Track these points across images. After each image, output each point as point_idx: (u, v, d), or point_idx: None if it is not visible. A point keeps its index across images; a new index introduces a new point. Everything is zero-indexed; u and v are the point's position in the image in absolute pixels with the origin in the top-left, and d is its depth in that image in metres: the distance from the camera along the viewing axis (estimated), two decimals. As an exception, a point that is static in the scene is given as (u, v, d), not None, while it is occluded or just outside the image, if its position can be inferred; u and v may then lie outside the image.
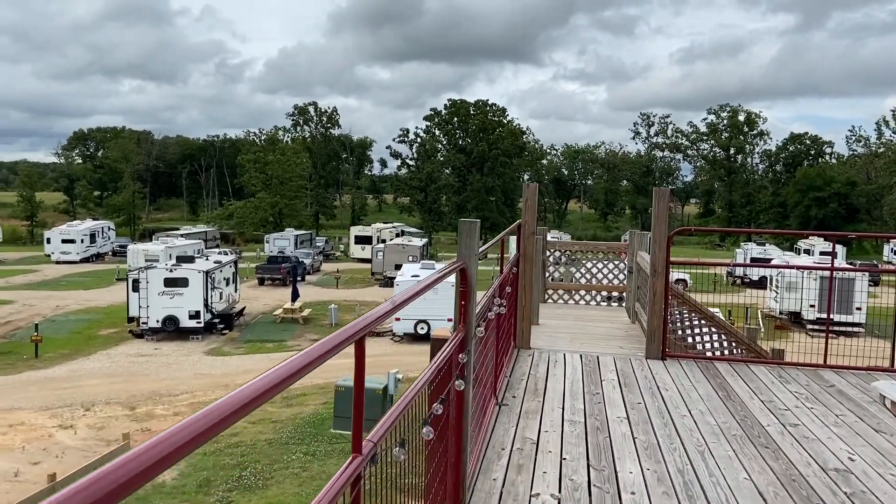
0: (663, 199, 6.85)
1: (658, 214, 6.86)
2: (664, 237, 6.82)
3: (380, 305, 2.22)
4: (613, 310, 10.23)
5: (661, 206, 6.85)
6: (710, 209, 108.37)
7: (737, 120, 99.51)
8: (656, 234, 6.84)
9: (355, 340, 1.78)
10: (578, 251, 10.47)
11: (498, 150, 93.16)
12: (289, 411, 18.73)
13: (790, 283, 33.56)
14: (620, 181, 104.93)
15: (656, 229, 6.84)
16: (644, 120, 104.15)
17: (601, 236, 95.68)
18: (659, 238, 6.83)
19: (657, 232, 6.84)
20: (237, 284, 34.71)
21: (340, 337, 1.65)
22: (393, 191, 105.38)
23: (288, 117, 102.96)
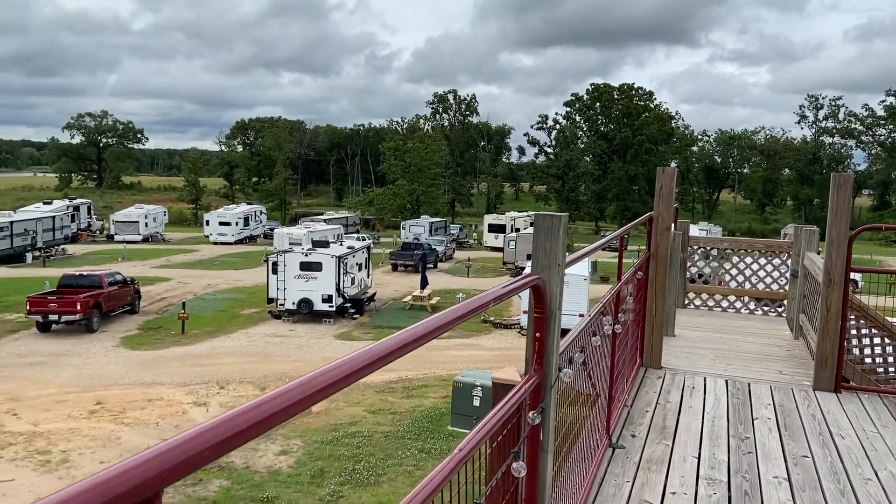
0: (845, 188, 5.31)
1: (837, 207, 5.33)
2: (844, 236, 5.29)
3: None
4: (771, 320, 8.58)
5: (842, 196, 5.31)
6: (885, 201, 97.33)
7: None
8: (833, 231, 5.32)
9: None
10: (728, 249, 8.90)
11: (643, 136, 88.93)
12: (408, 403, 18.29)
13: None
14: (782, 169, 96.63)
15: (833, 226, 5.32)
16: (812, 102, 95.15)
17: (757, 230, 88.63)
18: (837, 237, 5.31)
19: (834, 229, 5.32)
20: (370, 270, 35.11)
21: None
22: (530, 179, 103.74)
23: (428, 105, 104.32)
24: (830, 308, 5.32)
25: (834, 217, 5.33)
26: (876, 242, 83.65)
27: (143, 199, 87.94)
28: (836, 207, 5.33)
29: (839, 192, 5.32)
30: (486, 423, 1.99)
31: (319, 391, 1.09)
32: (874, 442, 4.34)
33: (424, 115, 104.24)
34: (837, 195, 5.33)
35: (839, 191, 5.31)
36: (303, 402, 1.05)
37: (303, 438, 15.08)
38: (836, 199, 5.33)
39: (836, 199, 5.33)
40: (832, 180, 5.38)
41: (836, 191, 5.33)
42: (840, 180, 5.31)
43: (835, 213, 5.34)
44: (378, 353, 1.34)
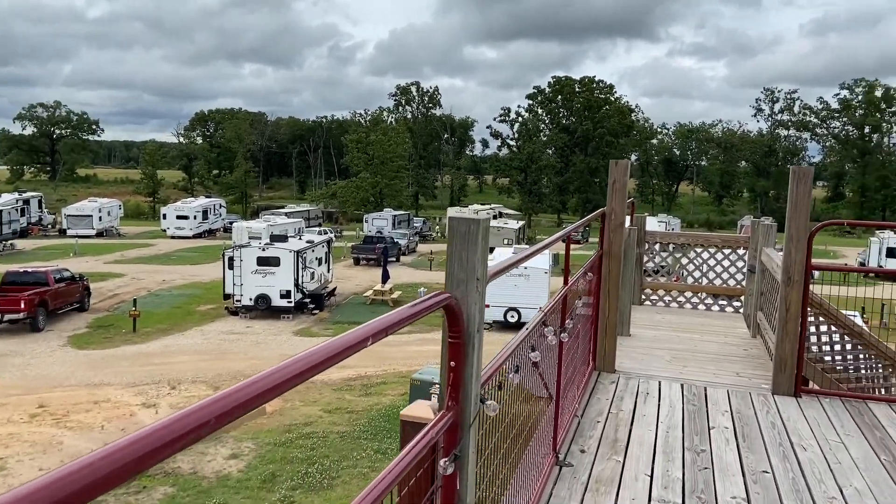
0: (804, 181, 5.06)
1: (797, 202, 5.08)
2: (804, 232, 5.05)
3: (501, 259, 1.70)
4: (728, 317, 8.39)
5: (801, 190, 5.06)
6: (839, 193, 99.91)
7: (873, 96, 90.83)
8: (792, 227, 5.07)
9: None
10: (685, 243, 8.67)
11: (604, 128, 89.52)
12: (366, 401, 17.88)
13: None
14: (738, 162, 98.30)
15: (793, 221, 5.07)
16: (768, 96, 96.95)
17: (715, 221, 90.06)
18: (796, 233, 5.06)
19: (794, 225, 5.07)
20: (330, 264, 34.50)
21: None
22: (493, 172, 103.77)
23: (390, 98, 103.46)
24: (790, 308, 5.08)
25: (793, 212, 5.08)
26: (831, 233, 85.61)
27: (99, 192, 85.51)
28: (796, 202, 5.08)
29: (798, 186, 5.07)
30: (391, 470, 1.62)
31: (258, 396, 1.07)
32: (837, 453, 4.09)
33: (388, 108, 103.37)
34: (797, 189, 5.08)
35: (798, 184, 5.06)
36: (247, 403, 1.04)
37: (255, 441, 14.56)
38: (796, 193, 5.08)
39: (796, 193, 5.08)
40: (791, 174, 5.12)
41: (796, 184, 5.08)
42: (799, 174, 5.05)
43: (794, 207, 5.09)
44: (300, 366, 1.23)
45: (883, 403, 4.93)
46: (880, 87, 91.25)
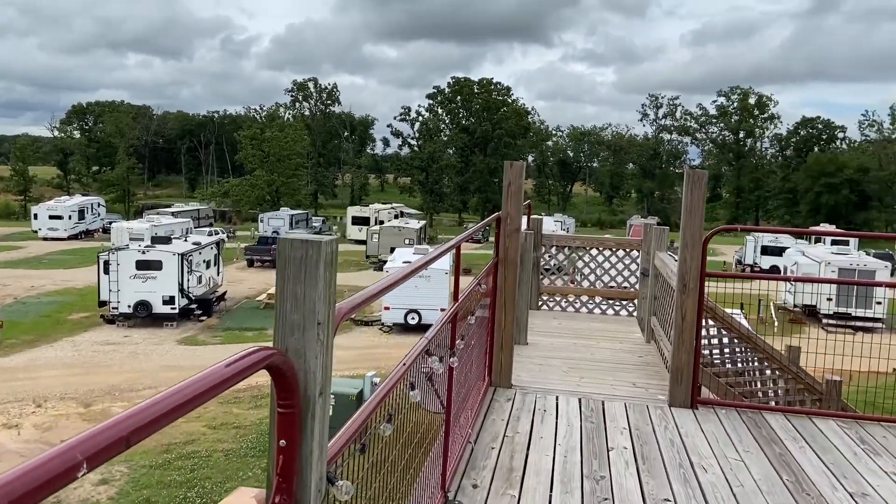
0: (699, 185, 4.89)
1: (691, 207, 4.91)
2: (698, 238, 4.88)
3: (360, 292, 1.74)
4: (623, 321, 8.30)
5: (696, 195, 4.89)
6: (717, 193, 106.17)
7: (747, 103, 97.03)
8: (687, 233, 4.90)
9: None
10: (581, 247, 8.53)
11: (502, 129, 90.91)
12: (255, 414, 16.92)
13: (806, 274, 31.54)
14: (626, 164, 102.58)
15: (687, 227, 4.90)
16: (652, 101, 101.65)
17: (606, 220, 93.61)
18: (691, 239, 4.89)
19: (689, 231, 4.89)
20: (220, 267, 32.86)
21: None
22: (394, 171, 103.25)
23: (287, 93, 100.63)
24: (685, 316, 4.91)
25: (688, 217, 4.91)
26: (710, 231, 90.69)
27: (-39, 189, 78.14)
28: (690, 207, 4.91)
29: (693, 191, 4.90)
30: None
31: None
32: (738, 474, 3.89)
33: (284, 104, 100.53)
34: (692, 194, 4.91)
35: (693, 188, 4.89)
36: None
37: (128, 464, 13.36)
38: (690, 198, 4.91)
39: (690, 198, 4.91)
40: (686, 177, 4.95)
41: (690, 188, 4.91)
42: (694, 177, 4.89)
43: (689, 213, 4.91)
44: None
45: (778, 414, 4.84)
46: (753, 95, 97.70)
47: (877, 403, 18.18)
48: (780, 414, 4.85)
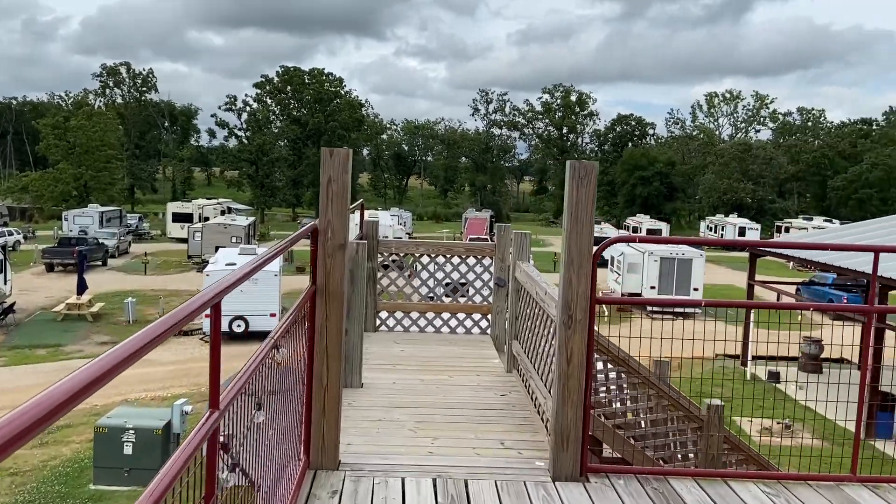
0: (588, 181, 3.63)
1: (577, 209, 3.62)
2: (587, 252, 3.62)
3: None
4: (475, 341, 7.04)
5: (584, 194, 3.63)
6: (543, 187, 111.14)
7: (569, 100, 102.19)
8: (573, 245, 3.62)
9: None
10: (425, 254, 7.16)
11: (336, 122, 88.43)
12: (40, 454, 13.95)
13: (631, 264, 32.90)
14: (460, 158, 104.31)
15: (573, 237, 3.62)
16: (483, 97, 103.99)
17: (442, 213, 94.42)
18: (579, 256, 3.62)
19: (575, 242, 3.62)
20: (7, 273, 28.08)
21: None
22: (221, 164, 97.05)
23: (95, 78, 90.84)
24: (571, 358, 3.64)
25: (573, 224, 3.64)
26: (538, 223, 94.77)
27: None
28: (576, 210, 3.64)
29: (579, 188, 3.63)
30: None
31: None
32: None
33: (94, 90, 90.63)
34: (577, 192, 3.63)
35: (579, 186, 3.62)
36: None
37: None
38: (575, 198, 3.63)
39: (575, 198, 3.63)
40: (568, 170, 3.66)
41: (576, 186, 3.63)
42: (581, 171, 3.61)
43: (574, 218, 3.64)
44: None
45: (688, 479, 3.72)
46: (575, 93, 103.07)
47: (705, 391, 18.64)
48: (690, 479, 3.73)
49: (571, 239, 3.66)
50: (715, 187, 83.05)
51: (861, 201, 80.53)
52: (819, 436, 15.32)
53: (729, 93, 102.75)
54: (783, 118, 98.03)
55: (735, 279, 41.54)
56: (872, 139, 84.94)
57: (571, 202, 3.66)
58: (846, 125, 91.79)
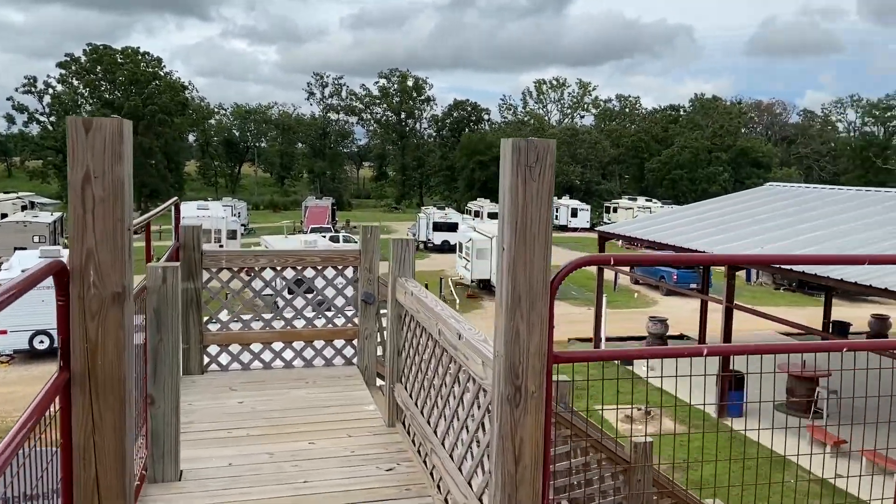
0: (542, 171, 2.25)
1: (524, 219, 2.24)
2: (542, 280, 2.25)
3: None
4: (340, 378, 5.45)
5: (538, 190, 2.25)
6: (383, 172, 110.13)
7: (406, 85, 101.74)
8: (519, 276, 2.23)
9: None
10: (267, 267, 5.46)
11: (155, 105, 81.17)
12: None
13: (480, 249, 32.58)
14: (296, 144, 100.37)
15: (521, 262, 2.22)
16: (318, 81, 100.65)
17: (279, 202, 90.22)
18: (527, 289, 2.24)
19: (523, 270, 2.23)
20: None
21: None
22: (19, 152, 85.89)
23: None
24: (522, 454, 2.26)
25: (520, 243, 2.24)
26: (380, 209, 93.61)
27: None
28: (524, 221, 2.23)
29: (528, 182, 2.22)
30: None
31: None
32: None
33: None
34: (524, 187, 2.23)
35: (528, 178, 2.21)
36: None
37: None
38: (522, 197, 2.23)
39: (522, 197, 2.23)
40: (510, 155, 2.23)
41: (522, 178, 2.21)
42: (531, 155, 2.18)
43: (522, 233, 2.23)
44: None
45: None
46: (411, 78, 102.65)
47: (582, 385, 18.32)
48: None
49: (517, 265, 2.25)
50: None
51: (674, 181, 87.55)
52: (677, 419, 15.44)
53: (556, 80, 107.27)
54: (604, 105, 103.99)
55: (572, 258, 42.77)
56: (681, 124, 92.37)
57: (515, 204, 2.25)
58: (658, 111, 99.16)
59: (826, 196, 17.81)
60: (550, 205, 2.27)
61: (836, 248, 13.56)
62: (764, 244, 14.90)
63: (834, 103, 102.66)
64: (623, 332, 23.95)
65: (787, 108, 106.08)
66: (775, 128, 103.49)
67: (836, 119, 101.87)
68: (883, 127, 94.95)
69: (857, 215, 16.19)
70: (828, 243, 13.49)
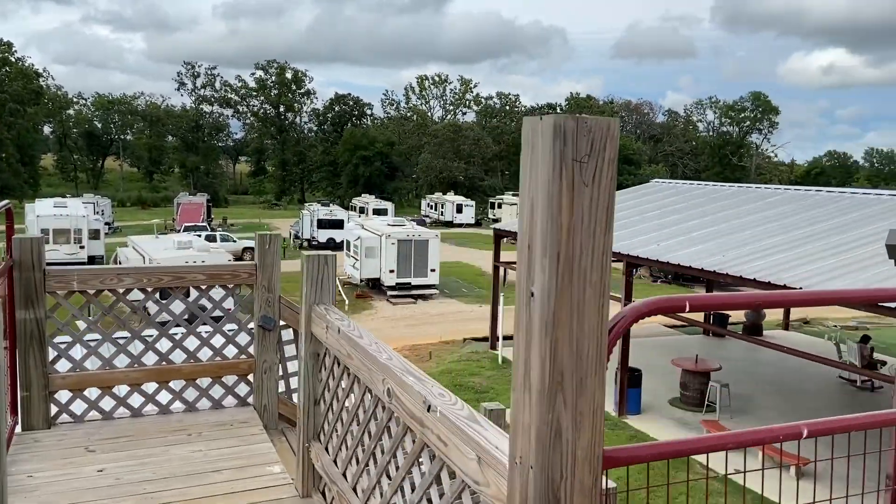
0: (600, 167, 1.42)
1: (571, 248, 1.41)
2: (596, 355, 1.42)
3: None
4: (230, 423, 4.36)
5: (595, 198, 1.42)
6: (262, 167, 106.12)
7: (285, 77, 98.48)
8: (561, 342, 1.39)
9: None
10: (134, 287, 4.28)
11: (5, 93, 73.69)
12: None
13: (369, 248, 31.48)
14: (166, 137, 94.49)
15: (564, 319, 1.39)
16: (189, 70, 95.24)
17: (148, 198, 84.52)
18: (572, 359, 1.41)
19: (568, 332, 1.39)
20: None
21: None
22: None
23: None
24: None
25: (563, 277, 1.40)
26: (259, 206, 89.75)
27: None
28: (571, 251, 1.40)
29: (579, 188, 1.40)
30: None
31: None
32: None
33: None
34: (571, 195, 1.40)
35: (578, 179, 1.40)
36: None
37: None
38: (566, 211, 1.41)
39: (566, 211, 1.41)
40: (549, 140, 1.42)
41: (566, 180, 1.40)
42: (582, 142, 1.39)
43: (566, 268, 1.39)
44: None
45: None
46: (290, 70, 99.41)
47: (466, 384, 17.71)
48: None
49: (558, 323, 1.39)
50: (432, 166, 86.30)
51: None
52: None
53: (438, 76, 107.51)
54: (485, 102, 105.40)
55: (462, 256, 42.68)
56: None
57: (556, 223, 1.38)
58: (536, 109, 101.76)
59: (711, 193, 18.29)
60: (611, 226, 1.43)
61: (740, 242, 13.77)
62: (659, 241, 14.94)
63: (694, 104, 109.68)
64: (516, 329, 23.78)
65: (653, 107, 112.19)
66: (643, 127, 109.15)
67: (696, 119, 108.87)
68: (738, 127, 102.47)
69: (740, 212, 16.68)
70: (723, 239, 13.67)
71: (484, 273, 36.39)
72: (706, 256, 12.99)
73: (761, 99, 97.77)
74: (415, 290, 31.05)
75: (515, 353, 1.51)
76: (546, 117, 1.39)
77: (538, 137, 1.42)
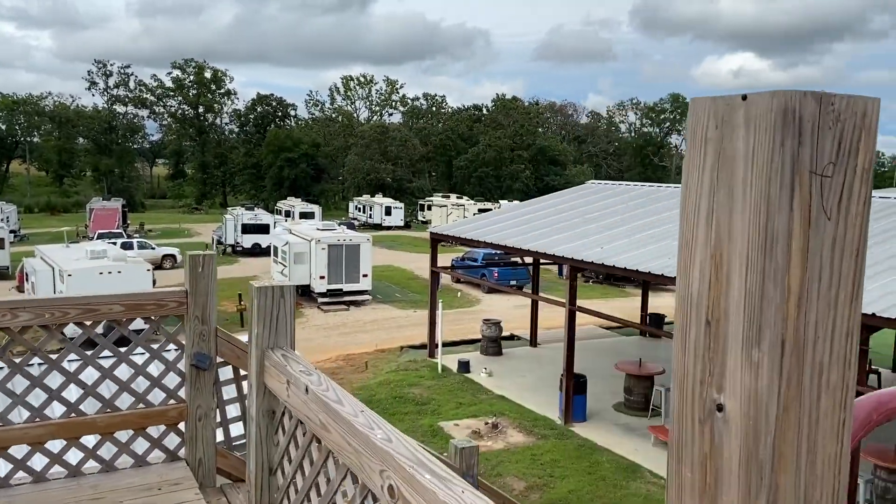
0: (854, 197, 0.84)
1: (797, 312, 0.84)
2: (838, 469, 0.84)
3: None
4: (158, 486, 3.58)
5: (836, 239, 0.85)
6: (181, 170, 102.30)
7: (203, 77, 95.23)
8: (791, 446, 0.80)
9: None
10: (34, 324, 3.45)
11: None
12: None
13: (298, 254, 30.31)
14: (77, 139, 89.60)
15: (797, 420, 0.80)
16: (101, 69, 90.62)
17: (58, 203, 79.85)
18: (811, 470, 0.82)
19: (806, 438, 0.80)
20: None
21: None
22: None
23: None
24: None
25: (792, 369, 0.82)
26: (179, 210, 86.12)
27: None
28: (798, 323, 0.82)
29: (819, 226, 0.82)
30: None
31: None
32: None
33: None
34: (809, 233, 0.83)
35: (816, 209, 0.83)
36: None
37: None
38: (789, 254, 0.84)
39: (789, 254, 0.84)
40: (741, 120, 0.85)
41: (803, 210, 0.83)
42: (830, 136, 0.84)
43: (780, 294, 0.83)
44: None
45: None
46: (209, 70, 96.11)
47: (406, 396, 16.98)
48: None
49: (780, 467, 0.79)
50: (359, 168, 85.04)
51: (481, 178, 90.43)
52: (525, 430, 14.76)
53: (363, 77, 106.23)
54: (412, 103, 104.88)
55: (393, 259, 41.87)
56: (484, 123, 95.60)
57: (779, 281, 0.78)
58: (462, 110, 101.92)
59: (650, 193, 18.28)
60: (861, 286, 0.83)
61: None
62: (602, 244, 14.71)
63: (616, 106, 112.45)
64: (453, 335, 23.21)
65: (577, 109, 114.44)
66: (568, 127, 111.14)
67: (619, 120, 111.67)
68: (658, 128, 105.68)
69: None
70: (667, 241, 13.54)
71: (416, 276, 35.67)
72: (651, 259, 12.81)
73: (680, 101, 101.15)
74: (347, 297, 30.11)
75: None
76: (763, 94, 0.78)
77: (737, 130, 0.81)
